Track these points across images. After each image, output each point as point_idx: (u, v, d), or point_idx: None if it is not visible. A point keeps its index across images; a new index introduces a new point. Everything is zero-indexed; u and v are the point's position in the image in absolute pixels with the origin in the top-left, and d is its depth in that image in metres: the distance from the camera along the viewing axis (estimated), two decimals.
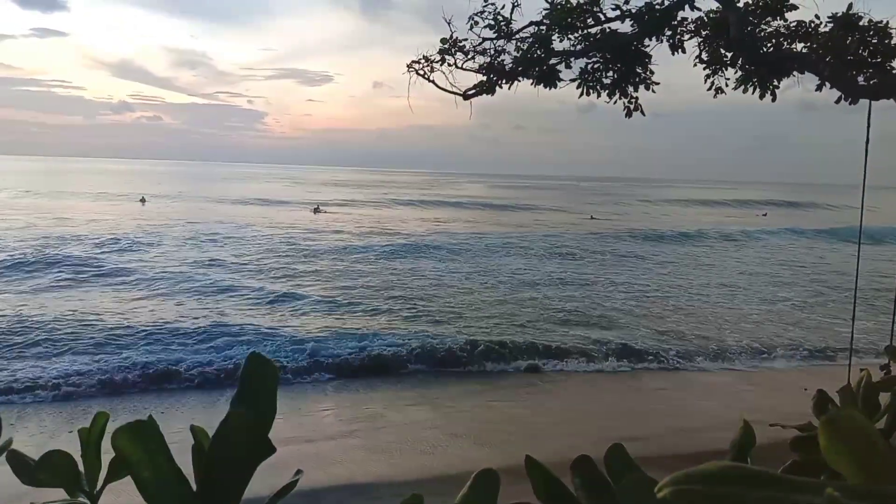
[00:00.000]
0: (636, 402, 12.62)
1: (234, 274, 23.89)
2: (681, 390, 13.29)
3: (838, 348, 15.95)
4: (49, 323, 15.95)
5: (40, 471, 0.94)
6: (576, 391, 13.28)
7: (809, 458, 1.52)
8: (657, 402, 12.52)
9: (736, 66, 7.76)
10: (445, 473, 8.65)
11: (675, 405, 12.24)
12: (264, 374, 0.86)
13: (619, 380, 14.10)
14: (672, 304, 21.17)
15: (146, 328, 15.78)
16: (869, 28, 7.02)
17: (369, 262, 27.73)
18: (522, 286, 23.41)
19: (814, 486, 0.54)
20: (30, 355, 13.93)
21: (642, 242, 37.60)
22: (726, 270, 28.95)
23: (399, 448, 9.77)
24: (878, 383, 1.94)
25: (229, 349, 14.27)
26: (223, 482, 0.83)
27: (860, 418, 0.61)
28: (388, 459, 9.37)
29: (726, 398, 12.67)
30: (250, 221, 42.52)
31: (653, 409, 12.00)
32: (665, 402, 12.43)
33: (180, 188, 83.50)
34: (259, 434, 0.84)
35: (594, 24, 7.61)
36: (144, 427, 0.84)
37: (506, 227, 44.69)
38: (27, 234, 32.44)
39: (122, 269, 23.53)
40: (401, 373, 13.82)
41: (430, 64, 7.87)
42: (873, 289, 21.90)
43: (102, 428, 0.95)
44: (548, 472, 0.93)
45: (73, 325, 15.95)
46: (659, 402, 12.45)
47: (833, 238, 41.17)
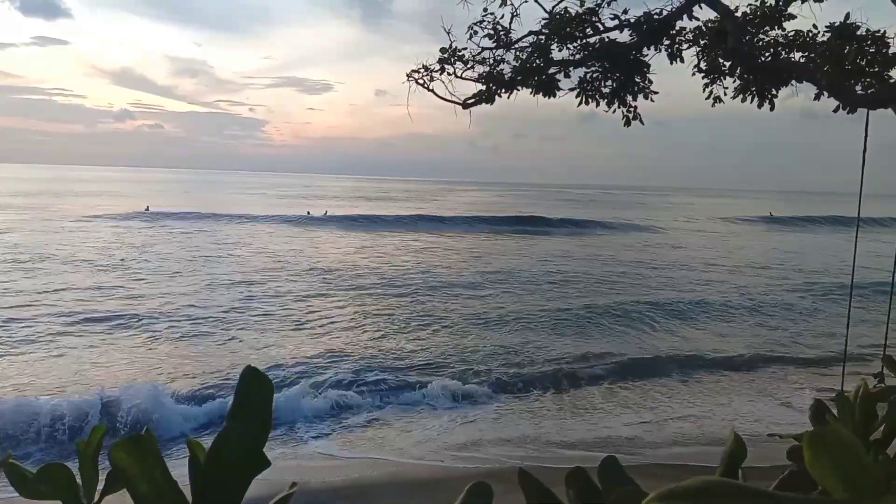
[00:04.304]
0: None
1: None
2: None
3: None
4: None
5: (39, 483, 0.95)
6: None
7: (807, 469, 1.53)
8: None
9: (734, 75, 7.80)
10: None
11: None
12: (259, 388, 0.87)
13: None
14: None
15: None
16: (867, 37, 7.05)
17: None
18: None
19: (798, 502, 0.55)
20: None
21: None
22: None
23: None
24: (875, 393, 1.95)
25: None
26: (219, 496, 0.84)
27: (845, 434, 0.62)
28: None
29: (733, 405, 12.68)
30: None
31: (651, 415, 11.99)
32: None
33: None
34: (254, 448, 0.85)
35: (593, 33, 7.66)
36: (142, 441, 0.85)
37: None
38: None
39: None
40: None
41: (430, 73, 7.92)
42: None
43: (100, 441, 0.96)
44: (541, 485, 0.93)
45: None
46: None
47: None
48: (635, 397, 13.15)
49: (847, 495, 0.57)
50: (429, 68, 7.89)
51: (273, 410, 0.88)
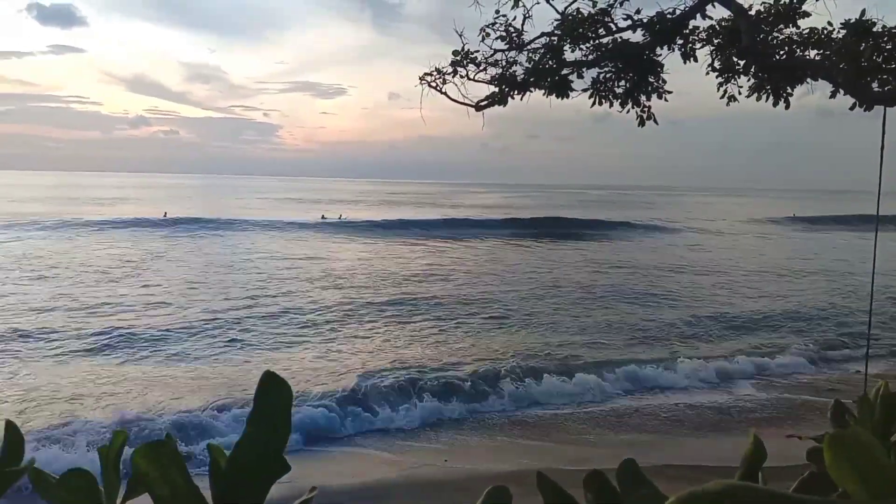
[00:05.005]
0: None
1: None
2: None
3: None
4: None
5: (61, 489, 0.96)
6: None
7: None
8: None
9: (748, 73, 7.75)
10: None
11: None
12: (278, 393, 0.88)
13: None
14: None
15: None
16: (883, 34, 6.98)
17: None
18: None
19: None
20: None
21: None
22: None
23: None
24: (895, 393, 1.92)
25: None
26: (239, 500, 0.85)
27: (865, 435, 0.62)
28: None
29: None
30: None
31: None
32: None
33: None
34: (274, 452, 0.85)
35: (605, 34, 7.65)
36: (163, 446, 0.86)
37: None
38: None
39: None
40: None
41: (443, 76, 7.94)
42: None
43: (121, 447, 0.97)
44: (559, 488, 0.93)
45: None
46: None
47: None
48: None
49: (867, 497, 0.57)
50: (441, 71, 7.90)
51: (291, 414, 0.89)
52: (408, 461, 10.23)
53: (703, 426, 11.89)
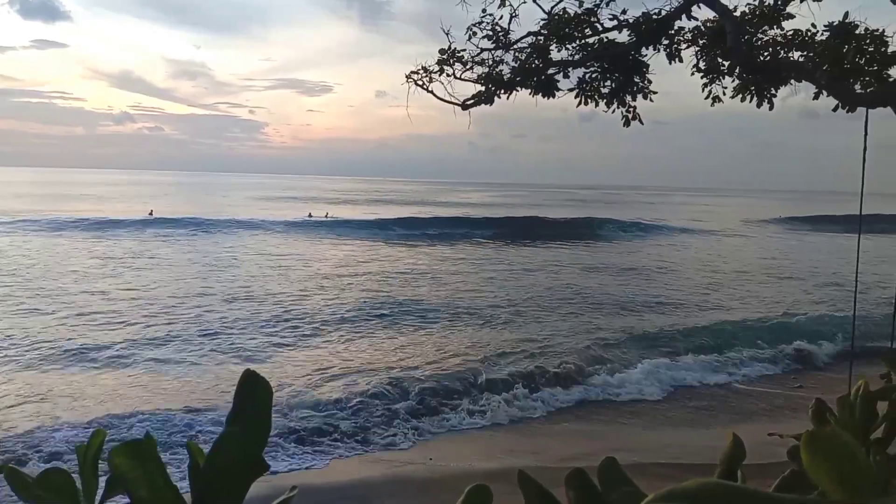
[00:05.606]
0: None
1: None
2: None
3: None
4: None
5: (39, 488, 0.95)
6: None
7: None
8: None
9: (733, 74, 7.80)
10: None
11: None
12: (259, 392, 0.87)
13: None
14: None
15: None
16: (865, 36, 7.05)
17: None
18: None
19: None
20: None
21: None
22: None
23: None
24: (875, 392, 1.94)
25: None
26: (218, 499, 0.84)
27: (842, 434, 0.62)
28: None
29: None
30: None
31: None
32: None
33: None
34: (253, 451, 0.85)
35: (592, 34, 7.66)
36: (141, 445, 0.85)
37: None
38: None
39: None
40: None
41: (429, 74, 7.92)
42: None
43: (99, 446, 0.96)
44: (540, 487, 0.93)
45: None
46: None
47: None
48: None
49: (844, 496, 0.57)
50: (428, 69, 7.89)
51: (271, 413, 0.88)
52: (393, 460, 10.23)
53: (687, 424, 11.98)
